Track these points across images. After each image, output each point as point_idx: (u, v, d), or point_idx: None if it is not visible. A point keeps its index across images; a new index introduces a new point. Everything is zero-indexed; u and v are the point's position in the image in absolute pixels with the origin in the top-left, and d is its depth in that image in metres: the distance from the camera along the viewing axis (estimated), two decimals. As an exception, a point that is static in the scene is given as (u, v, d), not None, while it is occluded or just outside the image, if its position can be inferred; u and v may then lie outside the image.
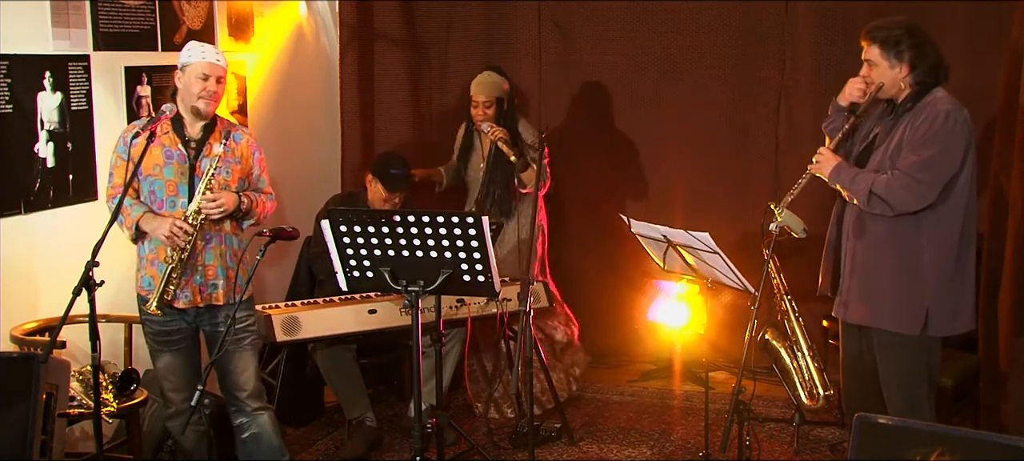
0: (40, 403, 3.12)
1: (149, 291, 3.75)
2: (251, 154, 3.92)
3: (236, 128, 3.93)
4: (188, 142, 3.77)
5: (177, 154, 3.75)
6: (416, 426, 3.62)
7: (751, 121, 5.65)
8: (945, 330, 3.58)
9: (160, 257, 3.74)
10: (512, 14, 5.91)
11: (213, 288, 3.81)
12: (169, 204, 3.74)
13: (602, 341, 5.99)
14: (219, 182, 3.76)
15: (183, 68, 3.75)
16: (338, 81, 5.83)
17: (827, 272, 3.81)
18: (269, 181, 4.01)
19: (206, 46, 3.80)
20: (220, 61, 3.77)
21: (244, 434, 3.95)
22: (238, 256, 3.88)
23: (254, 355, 3.95)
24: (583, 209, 5.91)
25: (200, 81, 3.71)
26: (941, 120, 3.43)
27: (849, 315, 3.72)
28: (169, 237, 3.65)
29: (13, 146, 3.99)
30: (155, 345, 3.86)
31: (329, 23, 5.95)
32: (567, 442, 4.81)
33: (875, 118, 3.74)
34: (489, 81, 4.96)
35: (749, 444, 3.93)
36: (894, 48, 3.53)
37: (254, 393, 3.93)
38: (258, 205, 3.88)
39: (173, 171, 3.74)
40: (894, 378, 3.62)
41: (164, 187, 3.74)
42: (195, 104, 3.73)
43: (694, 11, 5.65)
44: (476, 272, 3.47)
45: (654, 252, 4.16)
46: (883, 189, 3.45)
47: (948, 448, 2.30)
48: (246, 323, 3.90)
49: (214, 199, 3.69)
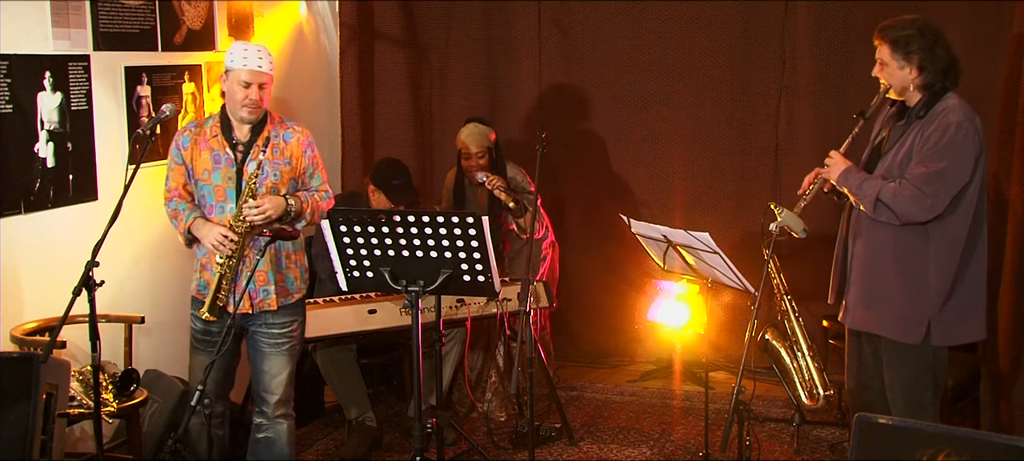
0: (40, 403, 3.12)
1: (203, 293, 3.74)
2: (302, 152, 3.84)
3: (287, 127, 3.84)
4: (235, 145, 3.72)
5: (225, 158, 3.71)
6: (416, 426, 3.62)
7: (751, 121, 5.65)
8: (948, 340, 3.54)
9: (213, 261, 3.71)
10: (512, 14, 5.91)
11: (264, 294, 3.76)
12: (218, 210, 3.72)
13: (602, 341, 6.00)
14: (267, 185, 3.71)
15: (227, 72, 3.69)
16: (338, 81, 5.83)
17: (837, 286, 3.75)
18: (325, 178, 3.93)
19: (250, 49, 3.71)
20: (263, 67, 3.68)
21: (259, 434, 3.92)
22: (291, 259, 3.83)
23: (290, 362, 3.88)
24: (583, 209, 5.91)
25: (242, 88, 3.65)
26: (952, 131, 3.36)
27: (854, 321, 3.68)
28: (215, 245, 3.63)
29: (13, 146, 3.99)
30: (196, 342, 3.84)
31: (329, 23, 5.95)
32: (567, 442, 4.81)
33: (882, 121, 3.70)
34: (479, 132, 4.93)
35: (749, 444, 3.93)
36: (903, 48, 3.46)
37: (281, 399, 3.87)
38: (308, 205, 3.79)
39: (221, 176, 3.71)
40: (898, 384, 3.58)
41: (213, 192, 3.72)
42: (239, 113, 3.68)
43: (694, 11, 5.65)
44: (476, 272, 3.47)
45: (654, 252, 4.16)
46: (890, 197, 3.41)
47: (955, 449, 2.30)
48: (288, 328, 3.85)
49: (257, 206, 3.62)
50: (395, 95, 5.99)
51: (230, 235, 3.62)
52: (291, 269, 3.84)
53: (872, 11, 5.20)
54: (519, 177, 5.01)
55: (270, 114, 3.81)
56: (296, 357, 3.94)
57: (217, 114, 3.81)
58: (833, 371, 4.34)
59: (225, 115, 3.76)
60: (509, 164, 5.05)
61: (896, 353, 3.56)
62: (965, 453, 2.29)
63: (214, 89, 5.02)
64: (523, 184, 4.97)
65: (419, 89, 6.06)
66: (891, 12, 3.85)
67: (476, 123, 4.97)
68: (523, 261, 4.33)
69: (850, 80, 5.28)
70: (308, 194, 3.84)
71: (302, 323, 3.96)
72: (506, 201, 4.71)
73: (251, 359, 3.85)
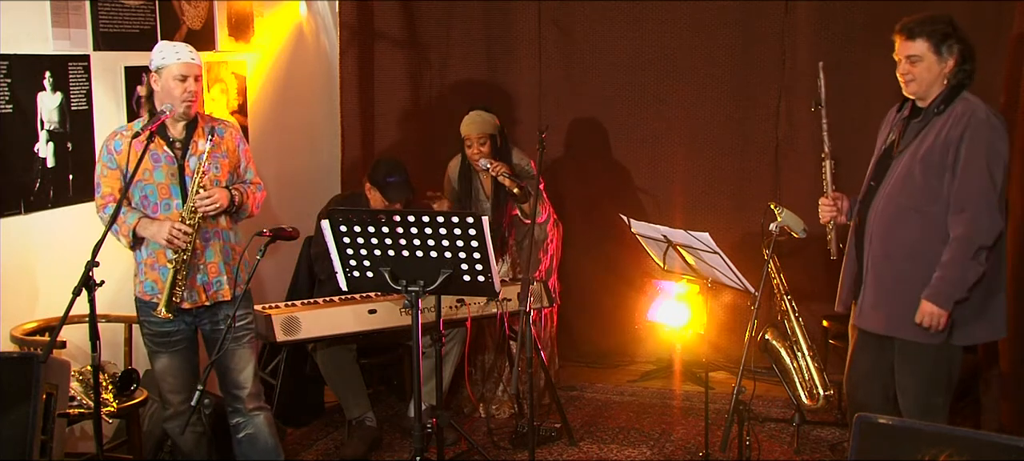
0: (40, 403, 3.12)
1: (152, 295, 3.73)
2: (236, 146, 3.89)
3: (218, 122, 3.90)
4: (173, 143, 3.74)
5: (164, 156, 3.72)
6: (416, 426, 3.62)
7: (751, 121, 5.65)
8: (969, 339, 3.51)
9: (160, 261, 3.72)
10: (512, 14, 5.91)
11: (218, 285, 3.80)
12: (163, 207, 3.72)
13: (602, 341, 5.99)
14: (210, 178, 3.74)
15: (158, 71, 3.69)
16: (338, 81, 5.83)
17: (847, 290, 3.71)
18: (256, 171, 3.99)
19: (178, 45, 3.73)
20: (195, 59, 3.72)
21: (240, 434, 3.93)
22: (236, 251, 3.88)
23: (252, 354, 3.94)
24: (583, 209, 5.91)
25: (179, 83, 3.67)
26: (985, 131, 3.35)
27: (870, 322, 3.61)
28: (169, 240, 3.63)
29: (13, 146, 3.99)
30: (153, 346, 3.84)
31: (329, 23, 5.95)
32: (567, 442, 4.81)
33: (890, 124, 3.66)
34: (480, 119, 4.89)
35: (749, 444, 3.93)
36: (944, 41, 3.43)
37: (252, 393, 3.91)
38: (249, 197, 3.87)
39: (163, 174, 3.72)
40: (912, 387, 3.54)
41: (156, 191, 3.72)
42: (178, 108, 3.68)
43: (694, 11, 5.65)
44: (476, 272, 3.47)
45: (654, 252, 4.16)
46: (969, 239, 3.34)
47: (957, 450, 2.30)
48: (245, 321, 3.89)
49: (208, 196, 3.67)
50: (395, 95, 5.99)
51: (184, 228, 3.63)
52: (240, 267, 3.86)
53: (872, 11, 5.20)
54: (524, 163, 5.00)
55: (199, 112, 3.83)
56: (257, 348, 4.01)
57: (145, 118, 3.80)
58: (833, 371, 4.34)
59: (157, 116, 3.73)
60: (514, 150, 5.05)
61: (914, 354, 3.51)
62: (966, 453, 2.29)
63: (214, 89, 5.02)
64: (528, 170, 4.96)
65: (419, 89, 6.05)
66: (891, 12, 3.85)
67: (479, 110, 4.96)
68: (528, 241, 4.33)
69: (850, 80, 5.28)
70: (245, 186, 3.90)
71: (256, 316, 4.05)
72: (510, 187, 4.70)
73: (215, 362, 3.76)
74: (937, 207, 3.42)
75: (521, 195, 4.69)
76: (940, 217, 3.42)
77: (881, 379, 3.63)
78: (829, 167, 3.71)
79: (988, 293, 3.45)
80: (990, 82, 4.71)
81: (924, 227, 3.44)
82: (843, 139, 3.76)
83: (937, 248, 3.42)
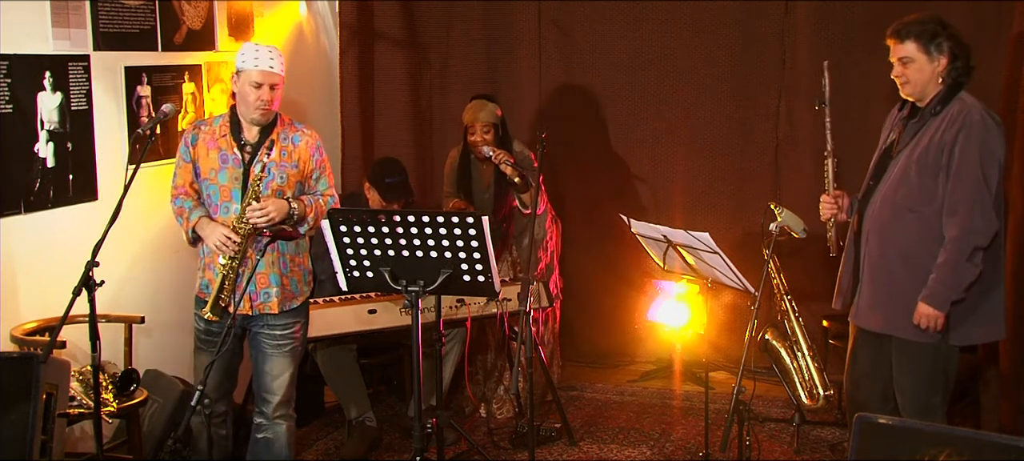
0: (40, 403, 3.12)
1: (206, 293, 3.74)
2: (310, 156, 3.83)
3: (296, 129, 3.83)
4: (244, 146, 3.72)
5: (232, 158, 3.71)
6: (416, 426, 3.62)
7: (751, 121, 5.65)
8: (966, 339, 3.52)
9: (215, 262, 3.71)
10: (512, 14, 5.91)
11: (265, 297, 3.76)
12: (223, 210, 3.71)
13: (602, 341, 6.00)
14: (273, 187, 3.70)
15: (238, 73, 3.68)
16: (338, 81, 5.83)
17: (845, 288, 3.72)
18: (332, 182, 3.92)
19: (261, 50, 3.69)
20: (274, 67, 3.67)
21: (258, 434, 3.92)
22: (295, 262, 3.83)
23: (292, 363, 3.87)
24: (583, 209, 5.91)
25: (254, 89, 3.64)
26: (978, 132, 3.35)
27: (867, 322, 3.63)
28: (217, 246, 3.63)
29: (13, 146, 3.99)
30: (199, 343, 3.84)
31: (329, 23, 5.95)
32: (567, 442, 4.81)
33: (891, 124, 3.67)
34: (483, 107, 4.89)
35: (749, 444, 3.93)
36: (932, 40, 3.45)
37: (281, 400, 3.87)
38: (312, 210, 3.77)
39: (227, 176, 3.70)
40: (909, 386, 3.55)
41: (218, 192, 3.71)
42: (251, 115, 3.68)
43: (694, 11, 5.65)
44: (476, 272, 3.47)
45: (654, 252, 4.16)
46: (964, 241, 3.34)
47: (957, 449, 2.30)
48: (291, 330, 3.84)
49: (261, 208, 3.61)
50: (395, 95, 5.99)
51: (232, 236, 3.61)
52: (295, 272, 3.84)
53: (872, 11, 5.20)
54: (525, 153, 5.00)
55: (280, 116, 3.80)
56: (298, 359, 3.94)
57: (226, 113, 3.81)
58: (833, 371, 4.35)
59: (235, 115, 3.76)
60: (515, 141, 5.06)
61: (910, 354, 3.52)
62: (966, 453, 2.29)
63: (214, 89, 5.02)
64: (528, 160, 4.96)
65: (419, 89, 6.05)
66: (891, 12, 3.85)
67: (481, 99, 4.96)
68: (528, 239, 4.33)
69: (850, 80, 5.28)
70: (312, 198, 3.83)
71: (305, 325, 3.96)
72: (512, 176, 4.70)
73: (253, 359, 3.85)
74: (932, 208, 3.43)
75: (522, 184, 4.69)
76: (935, 218, 3.42)
77: (881, 378, 3.64)
78: (831, 165, 3.71)
79: (984, 293, 3.46)
80: (990, 82, 4.71)
81: (920, 227, 3.45)
82: (842, 138, 3.77)
83: (932, 248, 3.43)
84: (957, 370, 3.58)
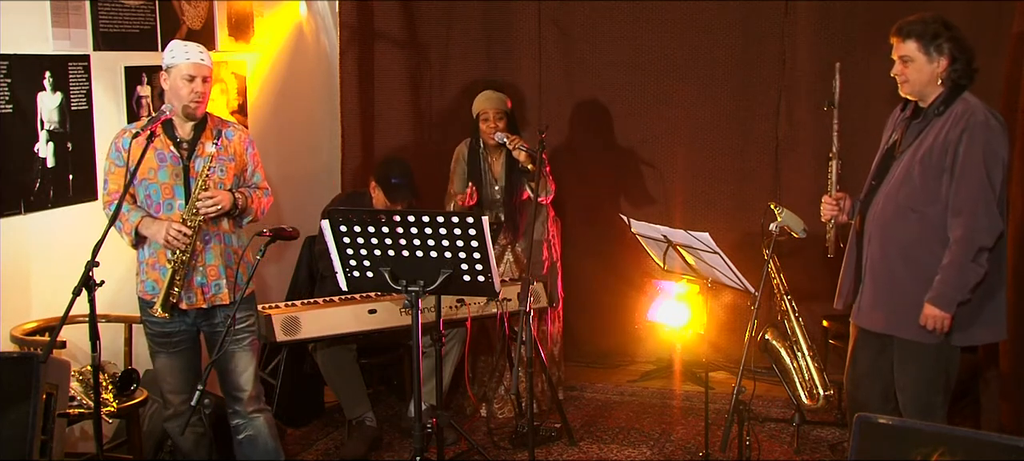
0: (40, 403, 3.11)
1: (152, 295, 3.74)
2: (244, 150, 3.89)
3: (227, 125, 3.90)
4: (180, 143, 3.74)
5: (170, 156, 3.73)
6: (416, 426, 3.62)
7: (751, 121, 5.65)
8: (968, 340, 3.51)
9: (161, 261, 3.72)
10: (512, 14, 5.91)
11: (216, 288, 3.79)
12: (166, 207, 3.72)
13: (602, 341, 6.00)
14: (214, 181, 3.74)
15: (168, 70, 3.71)
16: (338, 81, 5.83)
17: (847, 288, 3.71)
18: (264, 176, 3.98)
19: (189, 45, 3.74)
20: (205, 60, 3.72)
21: (240, 435, 3.93)
22: (238, 254, 3.87)
23: (253, 356, 3.93)
24: (583, 209, 5.91)
25: (187, 83, 3.67)
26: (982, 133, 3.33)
27: (869, 322, 3.61)
28: (167, 241, 3.64)
29: (13, 146, 3.99)
30: (155, 346, 3.85)
31: (329, 23, 5.95)
32: (567, 442, 4.81)
33: (893, 124, 3.66)
34: (496, 96, 4.95)
35: (749, 444, 3.93)
36: (933, 41, 3.43)
37: (252, 395, 3.91)
38: (253, 202, 3.86)
39: (167, 173, 3.72)
40: (910, 386, 3.54)
41: (159, 190, 3.72)
42: (186, 108, 3.69)
43: (694, 11, 5.65)
44: (476, 272, 3.47)
45: (654, 252, 4.16)
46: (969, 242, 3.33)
47: (949, 448, 2.30)
48: (246, 323, 3.88)
49: (211, 198, 3.66)
50: (395, 95, 5.99)
51: (183, 230, 3.63)
52: (241, 266, 3.86)
53: (873, 11, 5.20)
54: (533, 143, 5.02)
55: (209, 114, 3.83)
56: (258, 351, 3.98)
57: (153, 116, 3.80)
58: (833, 371, 4.35)
59: None
60: (523, 132, 5.07)
61: (912, 354, 3.51)
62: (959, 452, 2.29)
63: (214, 89, 5.01)
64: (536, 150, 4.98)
65: (419, 89, 6.05)
66: (891, 12, 3.85)
67: (491, 89, 5.01)
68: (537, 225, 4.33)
69: (850, 80, 5.26)
70: (251, 190, 3.88)
71: (257, 318, 4.01)
72: (525, 162, 4.71)
73: (215, 363, 3.75)
74: (935, 208, 3.42)
75: (534, 172, 4.70)
76: (938, 218, 3.42)
77: (881, 378, 3.63)
78: (835, 167, 3.71)
79: (987, 294, 3.45)
80: (990, 82, 4.71)
81: (922, 228, 3.44)
82: (842, 139, 3.76)
83: (935, 249, 3.42)
84: (958, 369, 3.57)
